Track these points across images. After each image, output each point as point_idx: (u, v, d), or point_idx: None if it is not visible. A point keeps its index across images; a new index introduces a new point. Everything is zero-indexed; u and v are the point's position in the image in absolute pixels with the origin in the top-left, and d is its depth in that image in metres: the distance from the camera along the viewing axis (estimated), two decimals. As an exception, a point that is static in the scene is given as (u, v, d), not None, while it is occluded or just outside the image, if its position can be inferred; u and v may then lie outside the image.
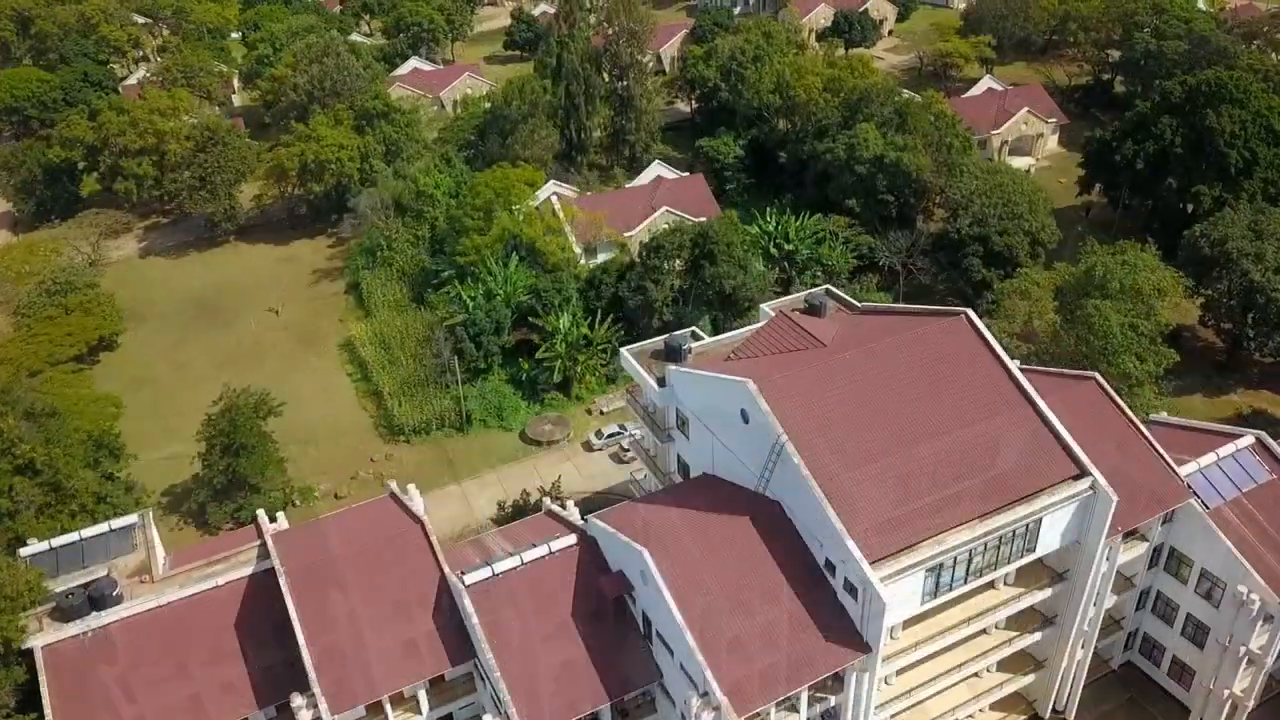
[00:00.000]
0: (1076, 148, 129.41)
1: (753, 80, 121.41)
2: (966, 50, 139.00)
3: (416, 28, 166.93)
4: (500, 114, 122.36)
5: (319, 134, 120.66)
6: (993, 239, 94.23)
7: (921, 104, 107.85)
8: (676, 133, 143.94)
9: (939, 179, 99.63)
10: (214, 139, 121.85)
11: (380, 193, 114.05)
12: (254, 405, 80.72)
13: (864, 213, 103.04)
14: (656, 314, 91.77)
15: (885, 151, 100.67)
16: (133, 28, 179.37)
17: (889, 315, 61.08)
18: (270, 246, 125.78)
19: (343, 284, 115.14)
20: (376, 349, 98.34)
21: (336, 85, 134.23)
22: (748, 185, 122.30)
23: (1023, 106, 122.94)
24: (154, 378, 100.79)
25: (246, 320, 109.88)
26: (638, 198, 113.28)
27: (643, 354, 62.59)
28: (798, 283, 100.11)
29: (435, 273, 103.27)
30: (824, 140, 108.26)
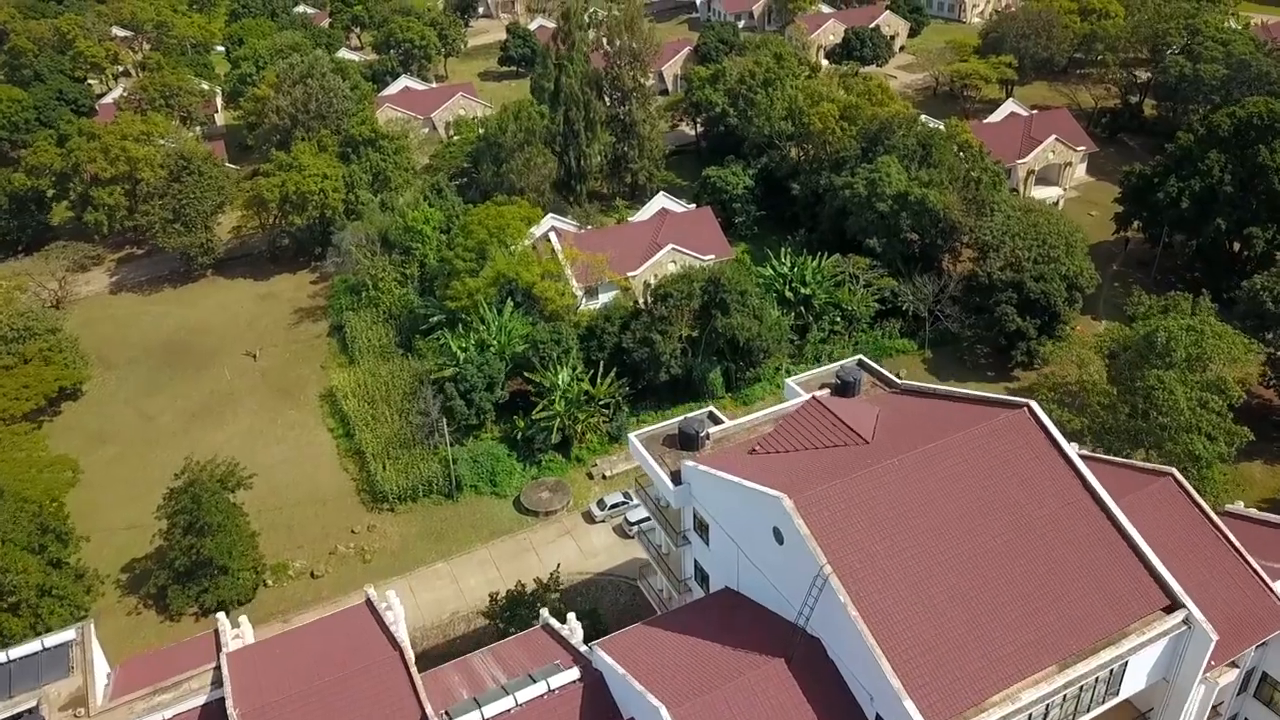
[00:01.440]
0: (1105, 176, 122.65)
1: (763, 106, 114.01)
2: (987, 71, 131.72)
3: (408, 44, 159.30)
4: (494, 141, 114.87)
5: (301, 162, 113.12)
6: (1027, 285, 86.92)
7: (945, 134, 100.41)
8: (680, 157, 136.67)
9: (967, 218, 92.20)
10: (189, 167, 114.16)
11: (365, 227, 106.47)
12: (221, 478, 72.99)
13: (886, 253, 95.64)
14: (664, 368, 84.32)
15: (909, 188, 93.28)
16: (111, 43, 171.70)
17: (933, 399, 53.73)
18: (249, 282, 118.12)
19: (325, 325, 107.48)
20: (359, 402, 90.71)
21: (321, 108, 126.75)
22: (758, 218, 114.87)
23: (1050, 133, 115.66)
24: (118, 432, 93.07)
25: (221, 366, 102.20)
26: (642, 234, 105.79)
27: (653, 441, 55.11)
28: (814, 329, 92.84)
29: (424, 317, 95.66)
30: (842, 174, 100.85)
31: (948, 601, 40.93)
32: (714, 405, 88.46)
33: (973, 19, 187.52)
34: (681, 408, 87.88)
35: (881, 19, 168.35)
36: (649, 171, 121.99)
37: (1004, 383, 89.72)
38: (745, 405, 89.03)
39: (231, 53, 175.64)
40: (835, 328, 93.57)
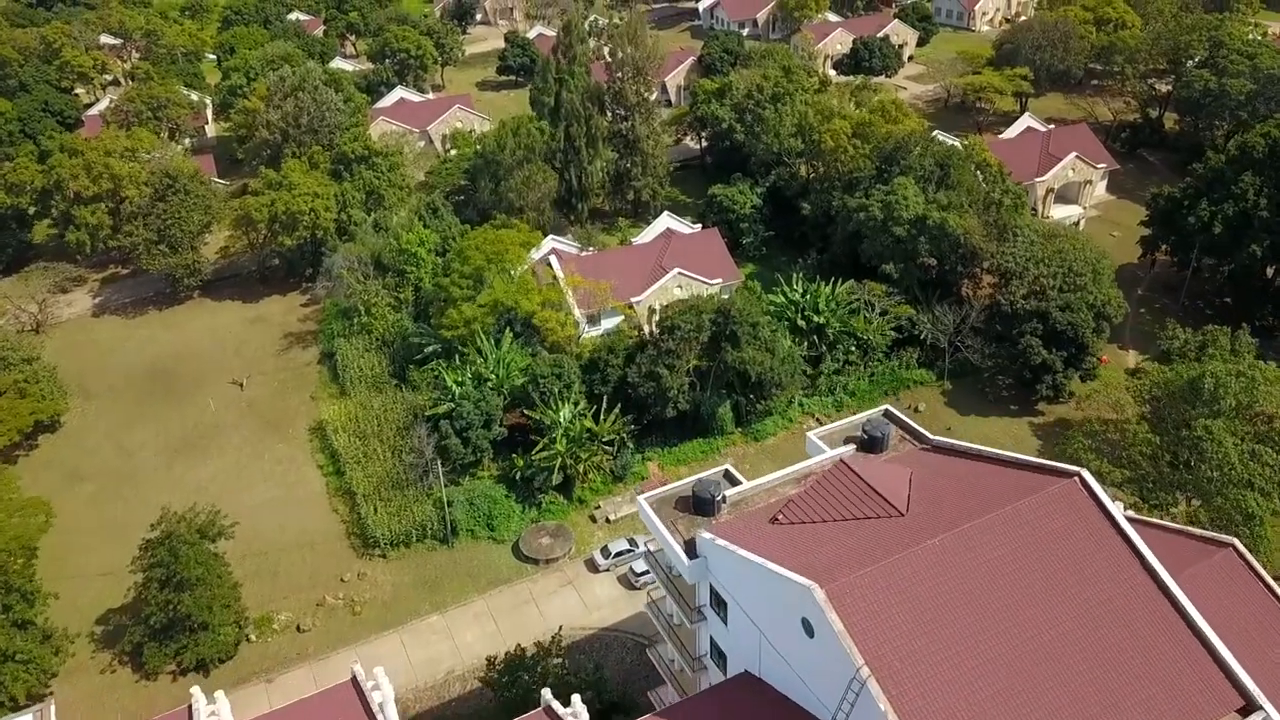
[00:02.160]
0: (1126, 194, 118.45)
1: (772, 123, 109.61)
2: (1001, 85, 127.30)
3: (403, 54, 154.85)
4: (492, 159, 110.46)
5: (291, 181, 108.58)
6: (1053, 315, 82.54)
7: (964, 154, 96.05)
8: (684, 172, 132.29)
9: (988, 243, 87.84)
10: (174, 186, 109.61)
11: (357, 249, 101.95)
12: (200, 527, 68.52)
13: (902, 279, 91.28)
14: (671, 403, 79.93)
15: (927, 211, 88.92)
16: (99, 53, 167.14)
17: (969, 459, 49.32)
18: (238, 304, 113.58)
19: (316, 351, 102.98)
20: (350, 437, 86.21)
21: (313, 122, 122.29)
22: (766, 238, 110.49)
23: (1069, 150, 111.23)
24: (96, 469, 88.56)
25: (207, 395, 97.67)
26: (646, 256, 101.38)
27: (664, 504, 50.62)
28: (828, 359, 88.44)
29: (419, 346, 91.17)
30: (855, 194, 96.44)
31: (996, 707, 36.57)
32: (723, 441, 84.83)
33: (981, 27, 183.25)
34: (689, 444, 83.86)
35: (890, 28, 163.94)
36: (653, 189, 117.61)
37: (1028, 417, 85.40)
38: (756, 440, 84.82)
39: (222, 62, 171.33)
40: (850, 358, 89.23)
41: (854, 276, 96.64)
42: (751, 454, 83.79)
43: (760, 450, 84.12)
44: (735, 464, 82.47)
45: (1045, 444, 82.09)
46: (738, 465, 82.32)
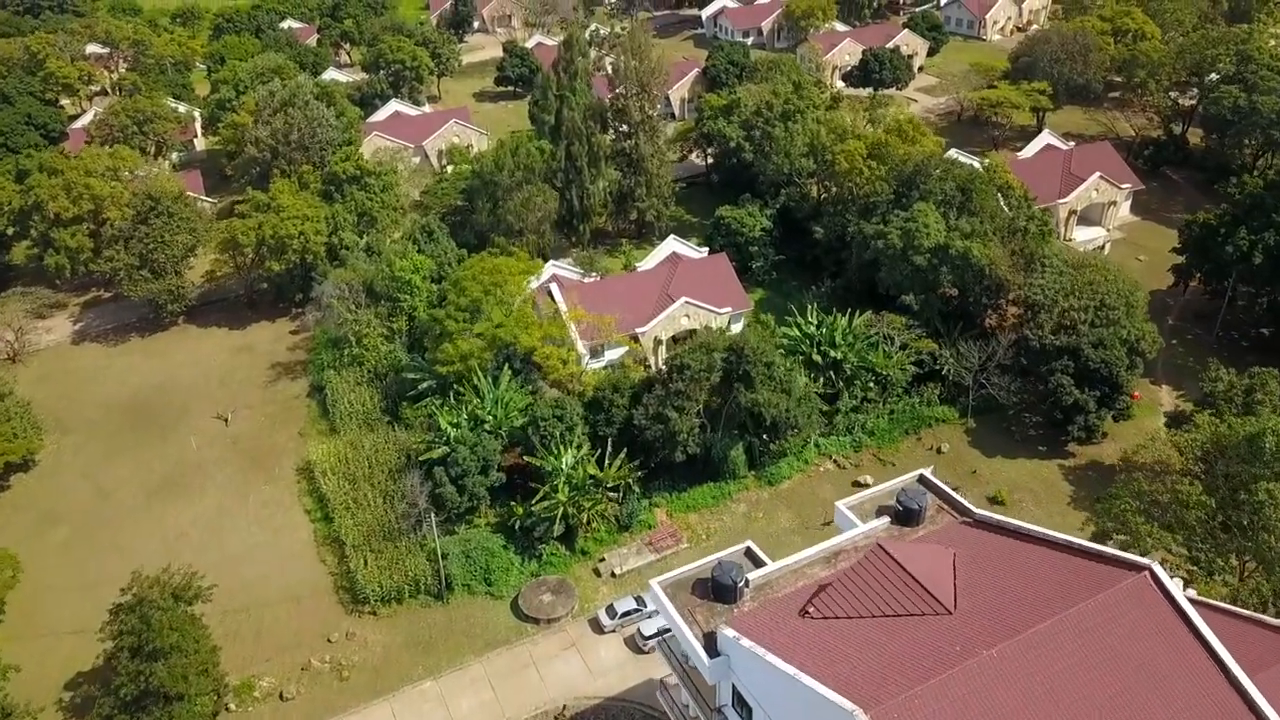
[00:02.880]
0: (1150, 214, 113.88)
1: (782, 142, 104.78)
2: (1019, 99, 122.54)
3: (398, 65, 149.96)
4: (490, 179, 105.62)
5: (279, 203, 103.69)
6: (1085, 352, 77.81)
7: (986, 177, 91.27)
8: (690, 189, 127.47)
9: (1015, 274, 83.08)
10: (157, 208, 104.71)
11: (348, 275, 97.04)
12: (175, 590, 63.62)
13: (923, 310, 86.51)
14: (680, 447, 75.08)
15: (949, 240, 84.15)
16: (84, 63, 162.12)
17: (1016, 538, 44.50)
18: (224, 331, 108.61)
19: (305, 383, 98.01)
20: (339, 481, 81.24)
21: (304, 138, 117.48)
22: (776, 262, 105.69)
23: (1093, 170, 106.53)
24: (71, 511, 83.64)
25: (190, 430, 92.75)
26: (651, 284, 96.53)
27: (680, 588, 45.81)
28: (845, 396, 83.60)
29: (413, 383, 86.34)
30: (872, 220, 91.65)
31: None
32: (736, 485, 79.94)
33: (993, 36, 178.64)
34: (700, 489, 79.04)
35: (899, 38, 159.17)
36: (657, 210, 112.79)
37: (1057, 459, 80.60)
38: (771, 485, 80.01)
39: (212, 72, 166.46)
40: (868, 394, 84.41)
41: (870, 305, 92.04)
42: (765, 499, 79.01)
43: (775, 495, 79.33)
44: (748, 510, 78.17)
45: (1077, 488, 77.42)
46: (751, 511, 78.00)
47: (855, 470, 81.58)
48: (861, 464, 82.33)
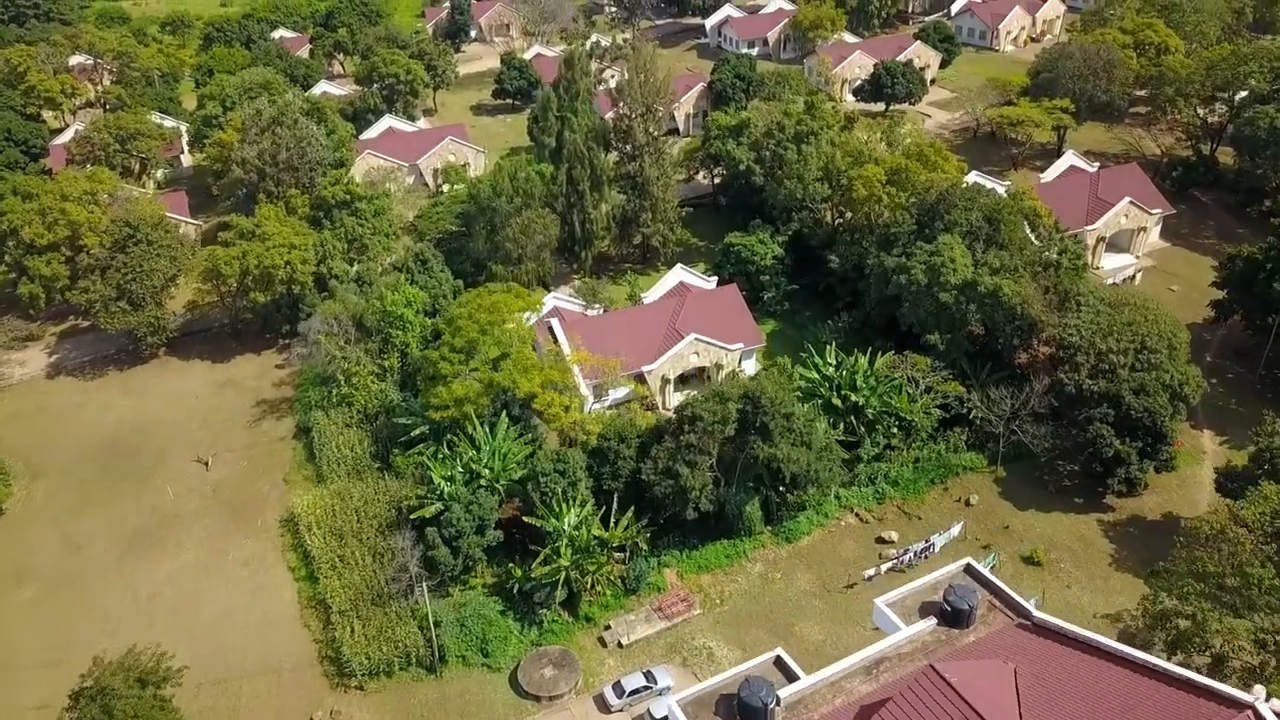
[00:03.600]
0: (1181, 240, 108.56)
1: (795, 166, 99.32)
2: (1040, 117, 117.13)
3: (391, 79, 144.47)
4: (487, 205, 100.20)
5: (265, 230, 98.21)
6: (1126, 399, 72.43)
7: (1012, 205, 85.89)
8: (696, 211, 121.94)
9: (1048, 314, 77.67)
10: (135, 236, 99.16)
11: (336, 308, 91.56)
12: (141, 675, 58.14)
13: (949, 350, 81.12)
14: (692, 504, 69.60)
15: (977, 276, 78.76)
16: (67, 76, 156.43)
17: (1085, 651, 39.10)
18: (207, 364, 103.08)
19: (291, 423, 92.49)
20: (325, 536, 75.79)
21: (292, 158, 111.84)
22: (789, 292, 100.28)
23: (1122, 194, 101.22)
24: (39, 567, 78.14)
25: (168, 474, 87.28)
26: (658, 317, 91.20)
27: (702, 707, 40.40)
28: (867, 443, 78.15)
29: (405, 428, 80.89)
30: (892, 252, 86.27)
31: None
32: (751, 543, 74.41)
33: (1006, 47, 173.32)
34: (713, 547, 73.70)
35: (911, 50, 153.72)
36: (663, 236, 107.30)
37: (1095, 513, 75.16)
38: (789, 541, 74.60)
39: (200, 84, 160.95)
40: (891, 441, 78.99)
41: (889, 340, 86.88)
42: (783, 558, 73.55)
43: (793, 553, 73.90)
44: (765, 570, 72.83)
45: (1119, 547, 72.00)
46: (768, 571, 72.64)
47: (879, 524, 76.16)
48: (885, 517, 76.91)
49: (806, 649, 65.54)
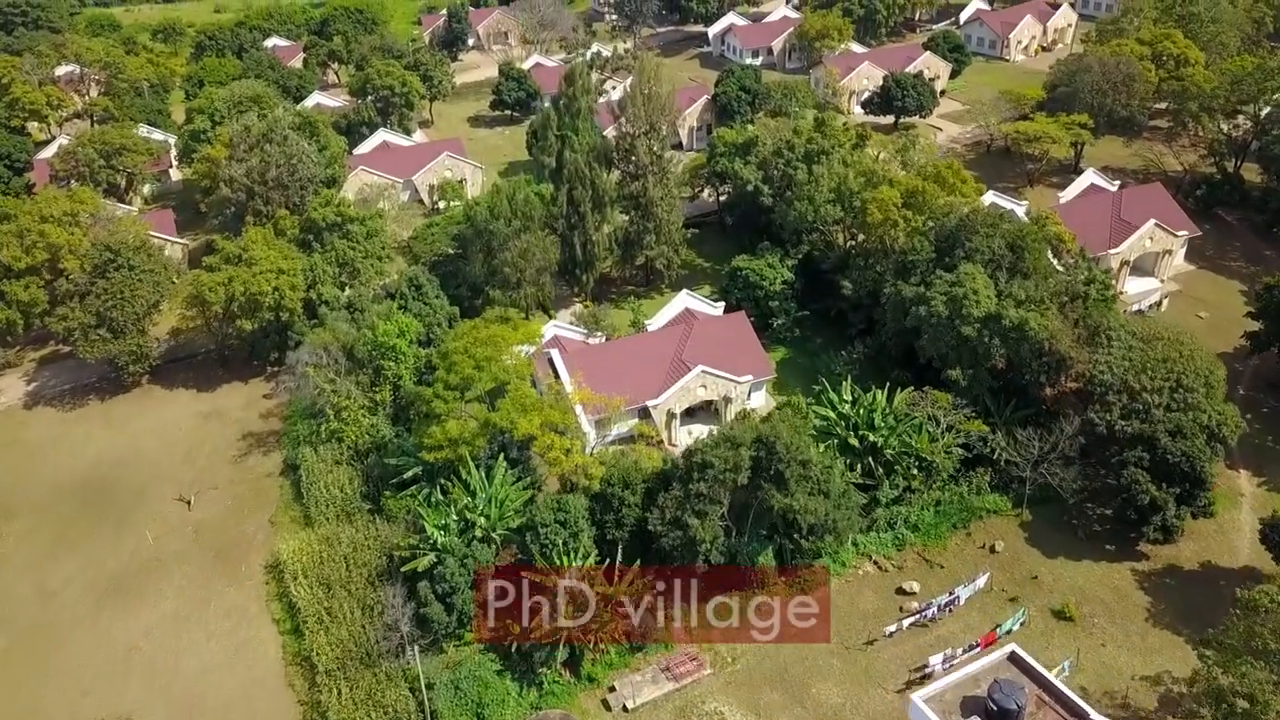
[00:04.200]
0: (1206, 262, 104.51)
1: (806, 188, 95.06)
2: (1058, 133, 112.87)
3: (386, 91, 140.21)
4: (485, 227, 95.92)
5: (252, 255, 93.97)
6: (1161, 442, 68.19)
7: (1036, 231, 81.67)
8: (701, 229, 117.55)
9: (1078, 349, 73.43)
10: (116, 261, 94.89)
11: (326, 337, 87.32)
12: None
13: (971, 386, 76.90)
14: (702, 556, 65.34)
15: (1002, 309, 74.53)
16: (52, 88, 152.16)
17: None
18: (192, 394, 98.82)
19: (279, 459, 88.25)
20: (312, 586, 71.48)
21: (282, 176, 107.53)
22: (799, 318, 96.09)
23: (1146, 216, 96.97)
24: (10, 617, 73.95)
25: (148, 514, 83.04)
26: (663, 347, 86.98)
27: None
28: (886, 485, 73.89)
29: (397, 469, 76.64)
30: (910, 280, 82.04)
31: None
32: (764, 593, 70.19)
33: (1016, 57, 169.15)
34: (724, 597, 69.02)
35: (921, 59, 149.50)
36: (667, 258, 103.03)
37: (1129, 561, 70.85)
38: (804, 592, 70.08)
39: (190, 95, 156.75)
40: (911, 483, 74.72)
41: (906, 369, 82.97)
42: (798, 610, 69.13)
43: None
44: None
45: (1155, 600, 67.72)
46: (782, 627, 68.02)
47: (898, 574, 71.84)
48: (905, 565, 72.61)
49: (825, 714, 61.43)
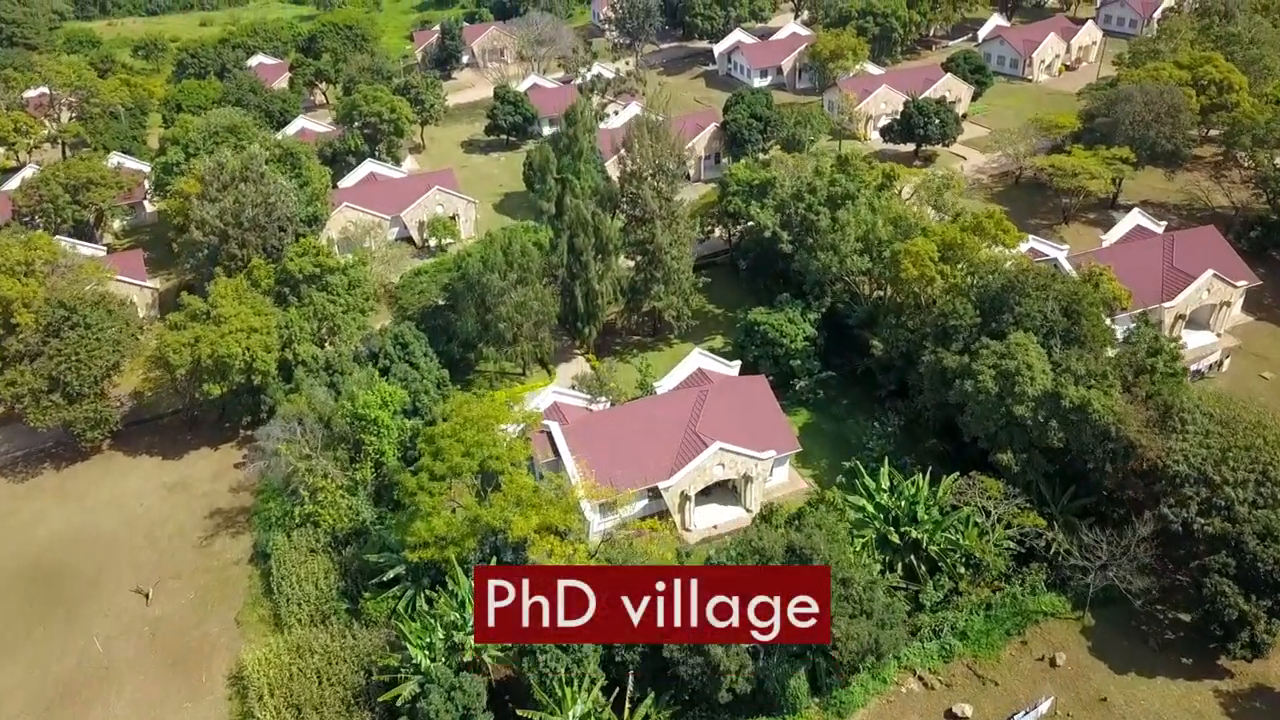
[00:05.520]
0: (1264, 312, 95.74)
1: (830, 236, 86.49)
2: (1098, 169, 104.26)
3: (375, 118, 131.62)
4: (477, 280, 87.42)
5: (221, 312, 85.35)
6: (1249, 545, 59.66)
7: (1092, 292, 73.16)
8: (711, 270, 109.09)
9: (1148, 433, 64.81)
10: (71, 319, 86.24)
11: (300, 405, 78.72)
12: None
13: (1024, 472, 68.34)
14: (726, 686, 56.66)
15: (1060, 387, 65.98)
16: (20, 113, 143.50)
17: None
18: (157, 461, 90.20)
19: (248, 542, 79.61)
20: (279, 708, 62.76)
21: (258, 217, 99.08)
22: (823, 379, 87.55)
23: (1203, 265, 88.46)
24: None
25: (102, 609, 74.40)
26: (674, 416, 78.08)
27: None
28: (930, 587, 65.30)
29: (378, 568, 68.02)
30: (952, 347, 73.47)
31: None
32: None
33: (1040, 77, 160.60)
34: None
35: (941, 82, 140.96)
36: (677, 309, 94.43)
37: (1210, 679, 62.13)
38: (840, 717, 61.48)
39: (167, 120, 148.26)
40: (958, 582, 66.11)
41: (945, 440, 74.77)
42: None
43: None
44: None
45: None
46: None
47: (947, 691, 63.12)
48: (954, 681, 63.84)
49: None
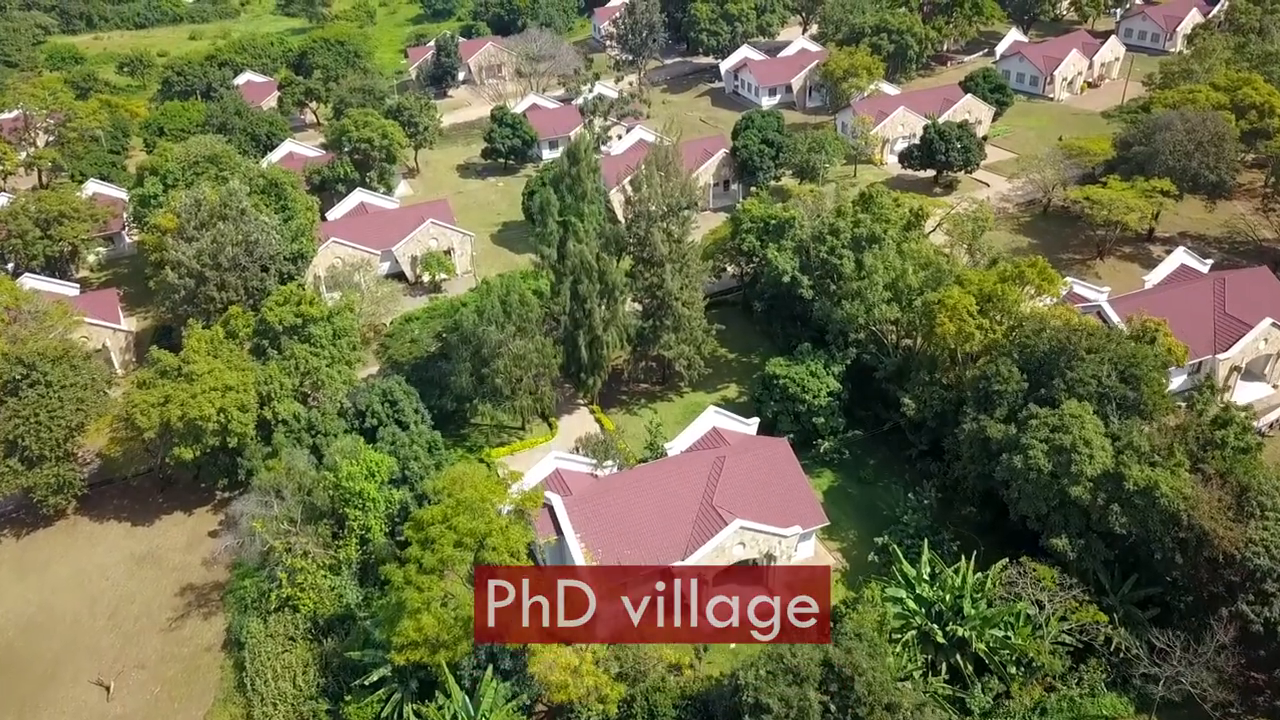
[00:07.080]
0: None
1: (853, 281, 79.56)
2: (1137, 202, 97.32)
3: (365, 145, 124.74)
4: (472, 333, 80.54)
5: (193, 369, 78.30)
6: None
7: (1151, 355, 66.20)
8: (721, 310, 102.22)
9: (1222, 520, 57.84)
10: (30, 376, 79.24)
11: (278, 473, 71.81)
12: None
13: (1081, 559, 61.40)
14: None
15: (1124, 467, 59.02)
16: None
17: None
18: (125, 528, 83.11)
19: (221, 626, 72.54)
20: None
21: (238, 257, 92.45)
22: (848, 440, 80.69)
23: (1260, 310, 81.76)
24: None
25: (58, 703, 67.35)
26: (688, 484, 71.16)
27: None
28: (978, 689, 58.29)
29: (362, 667, 61.02)
30: (995, 415, 66.54)
31: None
32: None
33: (1061, 95, 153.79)
34: None
35: (962, 103, 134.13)
36: (688, 358, 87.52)
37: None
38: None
39: (149, 145, 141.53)
40: (1009, 684, 59.11)
41: (987, 511, 67.90)
42: None
43: None
44: None
45: None
46: None
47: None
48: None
49: None
